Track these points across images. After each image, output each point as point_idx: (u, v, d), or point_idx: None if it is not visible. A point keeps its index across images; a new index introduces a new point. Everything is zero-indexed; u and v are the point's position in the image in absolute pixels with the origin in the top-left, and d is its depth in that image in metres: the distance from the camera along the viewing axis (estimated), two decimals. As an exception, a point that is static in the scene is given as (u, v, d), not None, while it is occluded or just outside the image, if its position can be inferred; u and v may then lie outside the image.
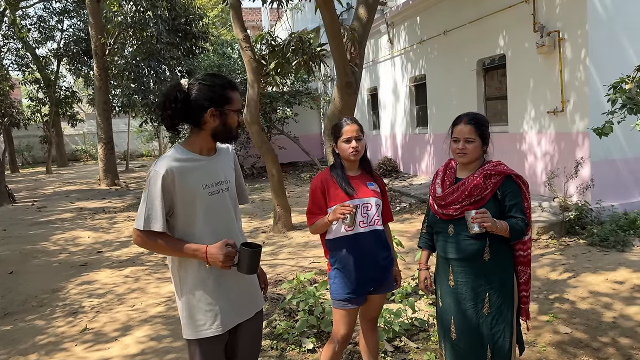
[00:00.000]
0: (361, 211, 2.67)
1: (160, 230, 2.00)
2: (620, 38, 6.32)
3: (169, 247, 2.04)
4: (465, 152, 2.43)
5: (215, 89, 2.06)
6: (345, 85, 4.03)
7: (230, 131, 2.13)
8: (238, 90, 2.16)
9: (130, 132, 24.84)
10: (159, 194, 1.98)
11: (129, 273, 6.07)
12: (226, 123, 2.10)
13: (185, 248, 2.03)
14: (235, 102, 2.12)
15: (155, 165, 2.04)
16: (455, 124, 2.51)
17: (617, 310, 4.08)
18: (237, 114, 2.13)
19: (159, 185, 1.99)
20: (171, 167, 2.02)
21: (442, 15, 9.48)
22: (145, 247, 2.10)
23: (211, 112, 2.05)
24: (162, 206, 1.99)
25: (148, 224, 1.99)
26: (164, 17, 15.32)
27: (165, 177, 1.99)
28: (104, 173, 15.60)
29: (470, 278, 2.41)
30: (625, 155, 6.51)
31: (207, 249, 1.99)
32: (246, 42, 7.41)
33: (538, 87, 7.17)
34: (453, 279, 2.46)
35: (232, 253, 2.00)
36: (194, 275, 2.09)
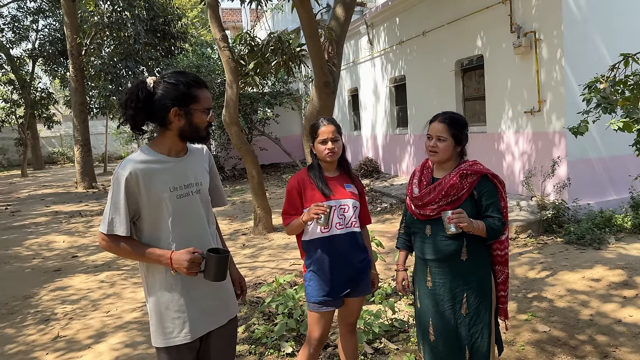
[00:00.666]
0: (338, 213, 2.63)
1: (124, 235, 1.94)
2: (594, 38, 6.41)
3: (134, 251, 1.98)
4: (436, 151, 2.41)
5: (179, 87, 1.97)
6: (323, 85, 4.00)
7: (197, 131, 2.03)
8: (207, 88, 2.06)
9: (109, 134, 24.44)
10: (123, 197, 1.93)
11: (105, 278, 5.94)
12: (192, 122, 2.00)
13: (149, 253, 1.96)
14: (202, 101, 2.01)
15: (119, 167, 1.97)
16: (431, 121, 2.49)
17: (594, 308, 4.12)
18: (206, 113, 2.03)
19: (122, 188, 1.92)
20: (135, 169, 1.95)
21: (420, 16, 9.52)
22: (110, 251, 2.03)
23: (175, 111, 1.97)
24: (126, 209, 1.93)
25: (112, 227, 1.94)
26: (141, 17, 15.09)
27: (129, 180, 1.93)
28: (81, 176, 15.30)
29: (448, 279, 2.39)
30: (601, 154, 6.61)
31: (171, 255, 1.93)
32: (224, 42, 7.32)
33: (515, 87, 7.24)
34: (431, 279, 2.44)
35: (197, 259, 1.93)
36: (162, 281, 2.03)
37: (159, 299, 2.03)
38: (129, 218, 1.96)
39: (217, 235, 2.25)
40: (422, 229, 2.45)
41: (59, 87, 26.03)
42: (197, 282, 2.04)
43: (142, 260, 2.03)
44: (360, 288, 2.74)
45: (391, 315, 4.05)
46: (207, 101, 2.04)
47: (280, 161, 16.75)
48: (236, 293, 2.30)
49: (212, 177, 2.27)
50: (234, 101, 7.30)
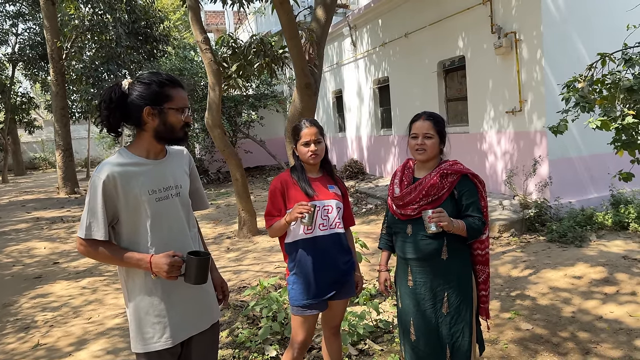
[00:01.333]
0: (321, 214, 2.61)
1: (102, 239, 1.92)
2: (573, 38, 6.50)
3: (112, 256, 1.95)
4: (424, 148, 2.41)
5: (151, 86, 1.95)
6: (305, 86, 3.99)
7: (172, 131, 2.00)
8: (182, 88, 2.03)
9: (91, 138, 24.14)
10: (100, 200, 1.90)
11: (86, 284, 5.84)
12: (166, 122, 1.98)
13: (128, 257, 1.94)
14: (176, 100, 1.98)
15: (96, 171, 1.95)
16: (413, 121, 2.50)
17: (576, 305, 4.16)
18: (181, 112, 2.00)
19: (99, 192, 1.90)
20: (113, 172, 1.92)
21: (403, 18, 9.56)
22: (88, 256, 2.01)
23: (147, 110, 1.94)
24: (104, 213, 1.91)
25: (90, 232, 1.92)
26: (123, 20, 14.95)
27: (107, 183, 1.91)
28: (63, 181, 15.07)
29: (428, 278, 2.40)
30: (581, 153, 6.69)
31: (151, 259, 1.91)
32: (206, 44, 7.28)
33: (497, 87, 7.31)
34: (412, 279, 2.44)
35: (177, 262, 1.91)
36: (141, 286, 2.00)
37: (138, 304, 2.00)
38: (107, 222, 1.94)
39: (198, 239, 2.21)
40: (404, 228, 2.45)
41: (40, 91, 25.64)
42: (178, 287, 2.01)
43: (121, 265, 2.00)
44: (345, 290, 2.72)
45: (375, 316, 4.04)
46: (181, 100, 2.00)
47: (266, 164, 16.69)
48: (218, 298, 2.27)
49: (193, 180, 2.24)
50: (217, 104, 7.26)
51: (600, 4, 6.59)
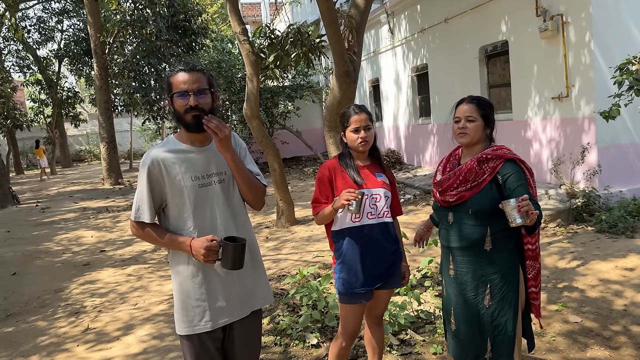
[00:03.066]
0: (370, 202, 2.55)
1: (148, 221, 2.02)
2: (625, 20, 6.17)
3: (158, 237, 2.06)
4: (466, 132, 2.30)
5: (165, 80, 2.06)
6: (344, 74, 3.94)
7: (179, 117, 2.03)
8: (186, 71, 2.01)
9: (133, 131, 24.83)
10: (146, 185, 2.01)
11: (132, 272, 6.03)
12: (174, 109, 2.04)
13: (172, 240, 2.04)
14: (175, 84, 2.01)
15: (144, 157, 2.05)
16: (457, 105, 2.42)
17: (628, 298, 3.99)
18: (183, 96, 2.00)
19: (145, 177, 2.01)
20: (158, 159, 2.02)
21: (442, 3, 9.33)
22: (139, 237, 2.13)
23: (167, 102, 2.07)
24: (150, 197, 2.01)
25: (138, 214, 2.03)
26: (162, 14, 15.21)
27: (151, 169, 2.01)
28: (107, 172, 15.58)
29: (470, 268, 2.33)
30: (633, 139, 6.38)
31: (191, 242, 1.98)
32: (244, 35, 7.30)
33: (542, 72, 7.04)
34: (453, 268, 2.39)
35: (214, 247, 1.94)
36: (184, 270, 2.07)
37: (181, 287, 2.07)
38: (155, 206, 2.04)
39: (247, 224, 2.21)
40: (445, 216, 2.40)
41: (85, 85, 26.53)
42: (219, 272, 2.05)
43: (167, 246, 2.09)
44: (392, 280, 2.67)
45: (417, 306, 3.99)
46: (178, 84, 2.00)
47: (302, 154, 16.74)
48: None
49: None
50: (255, 95, 7.29)
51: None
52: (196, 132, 2.04)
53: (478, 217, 2.26)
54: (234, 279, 2.08)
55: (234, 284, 2.09)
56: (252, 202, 2.22)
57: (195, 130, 2.03)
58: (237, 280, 2.10)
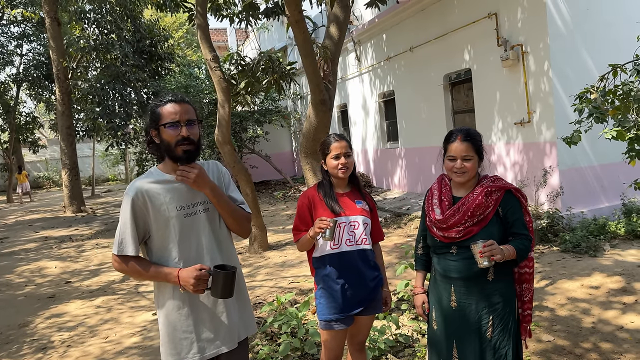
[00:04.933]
0: (347, 229, 2.62)
1: (132, 254, 2.00)
2: (579, 50, 6.56)
3: (143, 270, 2.02)
4: (464, 171, 2.29)
5: (151, 110, 2.08)
6: (320, 102, 4.03)
7: (169, 148, 2.04)
8: (175, 102, 2.05)
9: (95, 156, 24.24)
10: (129, 217, 1.99)
11: (101, 303, 5.83)
12: (163, 140, 2.05)
13: (157, 272, 2.01)
14: (164, 115, 2.03)
15: (127, 189, 2.05)
16: (448, 141, 2.36)
17: (596, 316, 4.15)
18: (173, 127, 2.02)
19: (128, 209, 2.00)
20: (142, 190, 2.02)
21: (407, 32, 9.66)
22: (122, 272, 2.09)
23: (152, 133, 2.08)
24: (134, 229, 1.99)
25: (121, 248, 2.00)
26: (128, 39, 15.10)
27: (135, 200, 2.00)
28: (69, 200, 15.10)
29: (474, 299, 2.29)
30: (591, 162, 6.71)
31: (179, 273, 1.96)
32: (215, 62, 7.35)
33: (504, 99, 7.36)
34: (455, 299, 2.33)
35: (204, 276, 1.94)
36: (170, 302, 2.05)
37: (167, 320, 2.06)
38: (138, 238, 2.02)
39: (232, 252, 2.21)
40: (447, 249, 2.34)
41: (44, 110, 25.79)
42: (206, 303, 2.05)
43: (152, 279, 2.06)
44: (372, 306, 2.70)
45: (395, 330, 4.03)
46: (169, 115, 2.03)
47: (271, 178, 16.74)
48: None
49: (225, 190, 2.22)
50: (227, 120, 7.31)
51: (605, 16, 6.66)
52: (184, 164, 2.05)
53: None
54: (220, 309, 2.08)
55: (221, 314, 2.08)
56: (238, 231, 2.24)
57: (186, 162, 2.04)
58: (224, 311, 2.09)
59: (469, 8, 7.80)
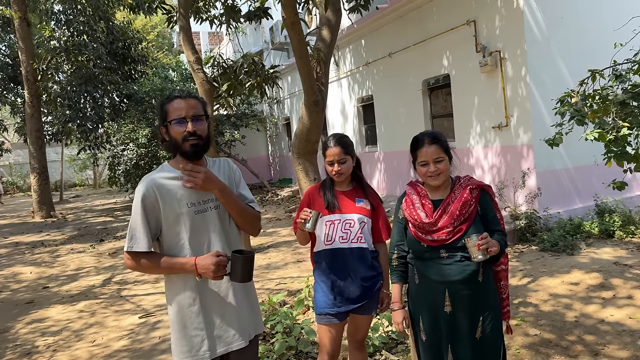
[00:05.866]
0: (342, 227, 2.67)
1: (144, 250, 1.99)
2: (554, 57, 6.83)
3: (156, 265, 2.02)
4: (439, 172, 2.28)
5: (160, 108, 2.10)
6: (313, 103, 4.09)
7: (177, 145, 2.04)
8: (181, 98, 2.06)
9: (63, 161, 23.60)
10: (140, 212, 1.99)
11: (83, 307, 5.70)
12: (171, 136, 2.06)
13: (172, 263, 2.00)
14: (171, 112, 2.04)
15: (139, 184, 2.04)
16: (417, 147, 2.33)
17: (577, 310, 4.32)
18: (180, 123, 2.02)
19: (139, 205, 1.99)
20: (153, 186, 2.02)
21: (386, 38, 9.83)
22: (135, 269, 2.07)
23: (162, 130, 2.09)
24: (145, 225, 1.99)
25: (132, 244, 1.99)
26: (101, 40, 14.82)
27: (147, 196, 2.00)
28: (38, 205, 14.66)
29: (467, 302, 2.27)
30: (566, 165, 6.98)
31: (196, 261, 1.96)
32: (198, 64, 7.32)
33: (482, 104, 7.57)
34: (450, 303, 2.27)
35: (223, 262, 1.96)
36: (181, 298, 2.05)
37: (178, 317, 2.06)
38: (150, 234, 2.01)
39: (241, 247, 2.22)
40: (436, 253, 2.29)
41: (10, 114, 24.92)
42: (217, 300, 2.06)
43: (167, 272, 2.06)
44: (367, 306, 2.72)
45: (387, 327, 4.10)
46: (175, 111, 2.03)
47: (248, 182, 16.61)
48: None
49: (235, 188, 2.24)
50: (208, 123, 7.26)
51: (579, 24, 6.96)
52: (193, 159, 2.07)
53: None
54: (231, 307, 2.09)
55: (232, 312, 2.09)
56: (247, 229, 2.26)
57: (193, 158, 2.06)
58: (235, 308, 2.10)
59: (448, 15, 8.01)
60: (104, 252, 9.02)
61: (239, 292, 2.12)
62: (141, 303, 5.68)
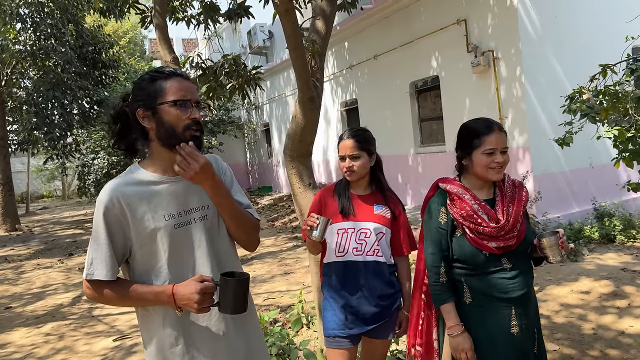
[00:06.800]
0: (356, 236, 2.30)
1: (106, 279, 1.54)
2: (548, 56, 6.62)
3: (122, 296, 1.55)
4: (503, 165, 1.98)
5: (142, 84, 1.59)
6: (309, 100, 3.70)
7: (174, 133, 1.55)
8: (182, 77, 1.61)
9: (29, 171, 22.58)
10: (103, 231, 1.54)
11: (50, 330, 5.15)
12: (163, 122, 1.55)
13: (144, 293, 1.55)
14: (169, 92, 1.55)
15: (100, 193, 1.57)
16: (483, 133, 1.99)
17: (593, 321, 4.04)
18: (182, 107, 1.55)
19: (101, 220, 1.54)
20: (118, 195, 1.55)
21: (371, 40, 9.54)
22: (97, 301, 1.61)
23: (140, 113, 1.57)
24: (108, 246, 1.54)
25: (92, 271, 1.54)
26: (71, 44, 14.16)
27: (110, 208, 1.54)
28: (3, 217, 13.85)
29: (529, 317, 2.02)
30: (562, 168, 6.76)
31: (174, 289, 1.51)
32: (175, 64, 6.88)
33: (474, 105, 7.32)
34: (517, 323, 1.96)
35: (209, 288, 1.50)
36: (159, 338, 1.60)
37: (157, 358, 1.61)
38: (116, 257, 1.56)
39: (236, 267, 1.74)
40: (499, 264, 1.96)
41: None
42: (205, 339, 1.61)
43: (137, 304, 1.61)
44: (381, 328, 2.33)
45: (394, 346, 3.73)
46: (178, 91, 1.56)
47: (225, 191, 16.14)
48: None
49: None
50: (189, 127, 6.81)
51: (572, 23, 6.77)
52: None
53: (529, 255, 2.02)
54: (225, 345, 1.63)
55: (226, 352, 1.63)
56: (244, 241, 1.77)
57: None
58: (230, 348, 1.64)
59: (436, 15, 7.76)
60: (73, 267, 8.40)
61: (235, 326, 1.66)
62: (115, 324, 5.16)
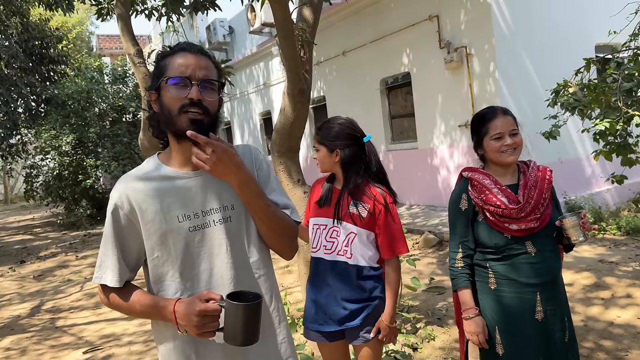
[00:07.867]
0: (327, 234, 2.18)
1: (112, 285, 1.38)
2: (520, 52, 6.72)
3: (128, 305, 1.39)
4: (514, 147, 1.98)
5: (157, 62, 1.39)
6: (299, 93, 3.53)
7: (170, 117, 1.33)
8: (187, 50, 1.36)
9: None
10: (110, 230, 1.39)
11: (10, 344, 4.71)
12: (162, 105, 1.35)
13: (148, 305, 1.36)
14: (169, 68, 1.34)
15: (114, 187, 1.39)
16: (487, 119, 2.03)
17: (582, 313, 4.07)
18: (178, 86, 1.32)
19: (109, 219, 1.39)
20: (128, 192, 1.37)
21: (339, 36, 9.42)
22: (109, 307, 1.46)
23: (149, 95, 1.38)
24: (115, 249, 1.38)
25: (100, 274, 1.41)
26: (15, 38, 13.28)
27: (120, 207, 1.38)
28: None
29: (557, 303, 1.97)
30: (534, 163, 6.87)
31: (175, 307, 1.30)
32: (139, 57, 6.48)
33: (447, 102, 7.34)
34: (542, 309, 1.93)
35: (212, 311, 1.24)
36: (170, 345, 1.41)
37: None
38: (125, 261, 1.38)
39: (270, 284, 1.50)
40: (523, 248, 1.93)
41: None
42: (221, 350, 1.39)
43: (143, 317, 1.43)
44: (351, 332, 2.18)
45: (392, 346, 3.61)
46: (179, 67, 1.33)
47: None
48: None
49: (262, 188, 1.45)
50: (156, 123, 6.46)
51: (541, 20, 6.89)
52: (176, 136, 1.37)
53: (556, 238, 1.97)
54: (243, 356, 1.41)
55: None
56: (278, 247, 1.51)
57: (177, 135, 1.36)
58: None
59: (408, 11, 7.73)
60: (27, 275, 7.81)
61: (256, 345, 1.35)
62: (83, 334, 4.79)
